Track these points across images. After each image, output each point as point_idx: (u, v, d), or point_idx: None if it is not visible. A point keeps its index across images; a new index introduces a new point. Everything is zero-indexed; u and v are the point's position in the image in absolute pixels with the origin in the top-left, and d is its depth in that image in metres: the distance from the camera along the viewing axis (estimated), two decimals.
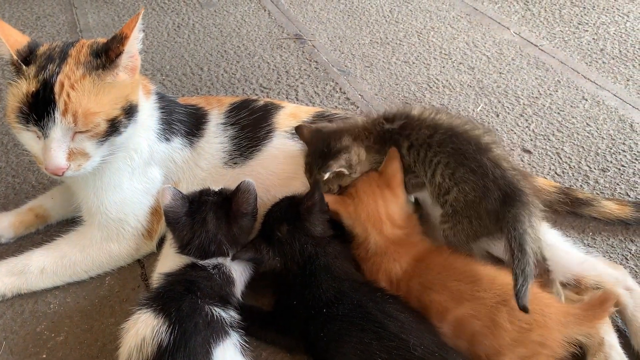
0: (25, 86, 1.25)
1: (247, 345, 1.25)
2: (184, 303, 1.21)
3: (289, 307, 1.31)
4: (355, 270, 1.37)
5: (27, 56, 1.30)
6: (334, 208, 1.39)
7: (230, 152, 1.55)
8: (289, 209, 1.39)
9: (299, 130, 1.52)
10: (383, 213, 1.37)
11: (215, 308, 1.23)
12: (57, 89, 1.23)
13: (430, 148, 1.36)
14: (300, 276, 1.32)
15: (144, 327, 1.17)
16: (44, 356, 1.33)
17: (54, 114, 1.23)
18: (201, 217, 1.34)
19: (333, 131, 1.46)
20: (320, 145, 1.44)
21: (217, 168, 1.55)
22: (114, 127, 1.31)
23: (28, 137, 1.30)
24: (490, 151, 1.33)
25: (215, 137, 1.56)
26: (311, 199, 1.36)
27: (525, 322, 1.15)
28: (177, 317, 1.17)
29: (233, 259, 1.35)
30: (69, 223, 1.58)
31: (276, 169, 1.54)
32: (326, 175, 1.38)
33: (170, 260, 1.37)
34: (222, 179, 1.51)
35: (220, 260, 1.35)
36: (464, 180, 1.30)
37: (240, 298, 1.36)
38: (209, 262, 1.34)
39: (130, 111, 1.34)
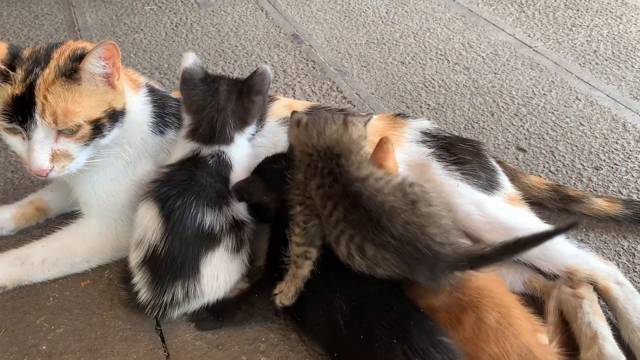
0: (10, 89, 1.26)
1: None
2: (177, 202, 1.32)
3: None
4: None
5: (12, 62, 1.30)
6: None
7: None
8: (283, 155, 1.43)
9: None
10: None
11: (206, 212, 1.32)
12: (36, 91, 1.25)
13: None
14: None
15: (146, 216, 1.33)
16: (44, 347, 1.34)
17: (34, 115, 1.25)
18: (215, 86, 1.44)
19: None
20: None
21: None
22: (97, 129, 1.33)
23: (14, 139, 1.32)
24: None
25: None
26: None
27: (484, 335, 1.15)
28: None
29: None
30: (68, 217, 1.58)
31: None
32: None
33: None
34: None
35: (222, 147, 1.41)
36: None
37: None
38: (210, 151, 1.40)
39: (114, 116, 1.35)
